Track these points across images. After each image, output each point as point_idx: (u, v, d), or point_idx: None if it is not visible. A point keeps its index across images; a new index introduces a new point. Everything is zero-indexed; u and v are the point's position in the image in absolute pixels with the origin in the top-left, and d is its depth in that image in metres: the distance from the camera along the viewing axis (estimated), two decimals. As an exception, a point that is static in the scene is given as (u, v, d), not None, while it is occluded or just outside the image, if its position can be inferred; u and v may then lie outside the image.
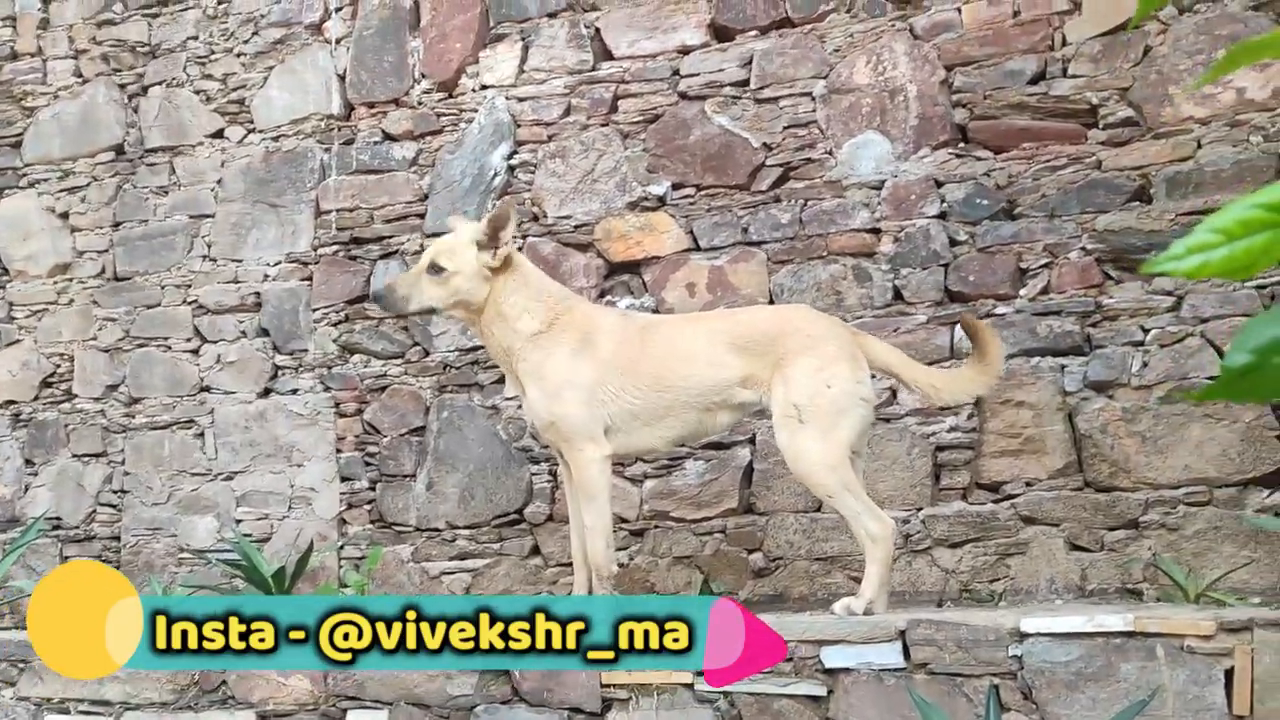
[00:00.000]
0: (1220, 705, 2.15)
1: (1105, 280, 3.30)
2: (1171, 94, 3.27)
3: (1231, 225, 0.67)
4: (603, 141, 3.88)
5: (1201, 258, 0.67)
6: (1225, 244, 0.67)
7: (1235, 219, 0.67)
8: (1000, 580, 3.26)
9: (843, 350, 2.78)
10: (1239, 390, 0.70)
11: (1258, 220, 0.67)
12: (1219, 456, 3.09)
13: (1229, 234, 0.67)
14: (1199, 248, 0.67)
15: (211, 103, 4.39)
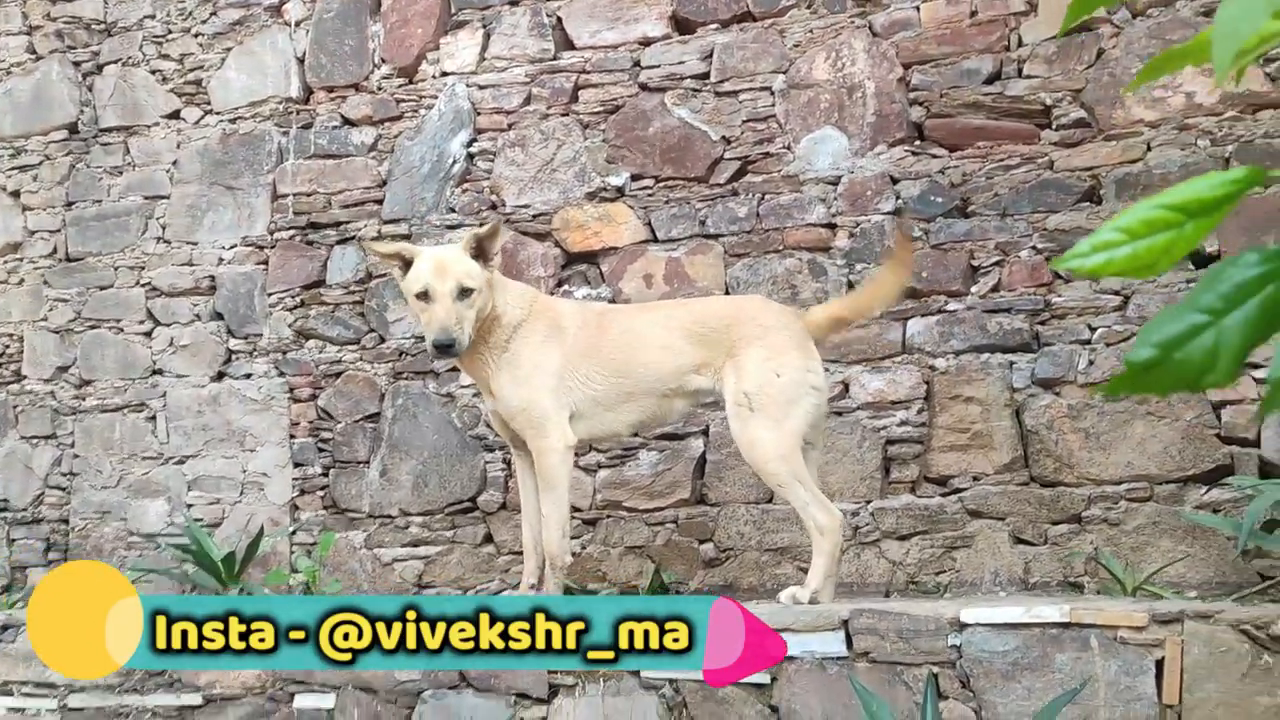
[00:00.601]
0: (1150, 695, 2.20)
1: (1055, 279, 3.36)
2: (1123, 97, 3.33)
3: (1135, 225, 0.69)
4: (562, 131, 3.88)
5: (1106, 255, 0.69)
6: (1129, 242, 0.69)
7: (1139, 219, 0.69)
8: (946, 573, 3.32)
9: (793, 339, 2.81)
10: (1142, 383, 0.72)
11: (1160, 220, 0.69)
12: (1160, 454, 3.16)
13: (1133, 233, 0.69)
14: (1104, 246, 0.69)
15: (168, 83, 4.33)
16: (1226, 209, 0.70)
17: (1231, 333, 0.70)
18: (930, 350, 3.42)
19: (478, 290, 2.76)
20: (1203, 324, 0.70)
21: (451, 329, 2.70)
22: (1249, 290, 0.70)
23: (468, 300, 2.74)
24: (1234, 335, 0.70)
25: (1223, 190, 0.69)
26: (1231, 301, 0.70)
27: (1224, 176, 0.70)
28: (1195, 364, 0.70)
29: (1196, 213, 0.69)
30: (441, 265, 2.76)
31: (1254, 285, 0.70)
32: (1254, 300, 0.70)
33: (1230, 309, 0.70)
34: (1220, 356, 0.70)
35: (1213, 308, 0.70)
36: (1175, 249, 0.69)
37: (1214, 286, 0.71)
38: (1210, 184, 0.70)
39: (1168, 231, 0.69)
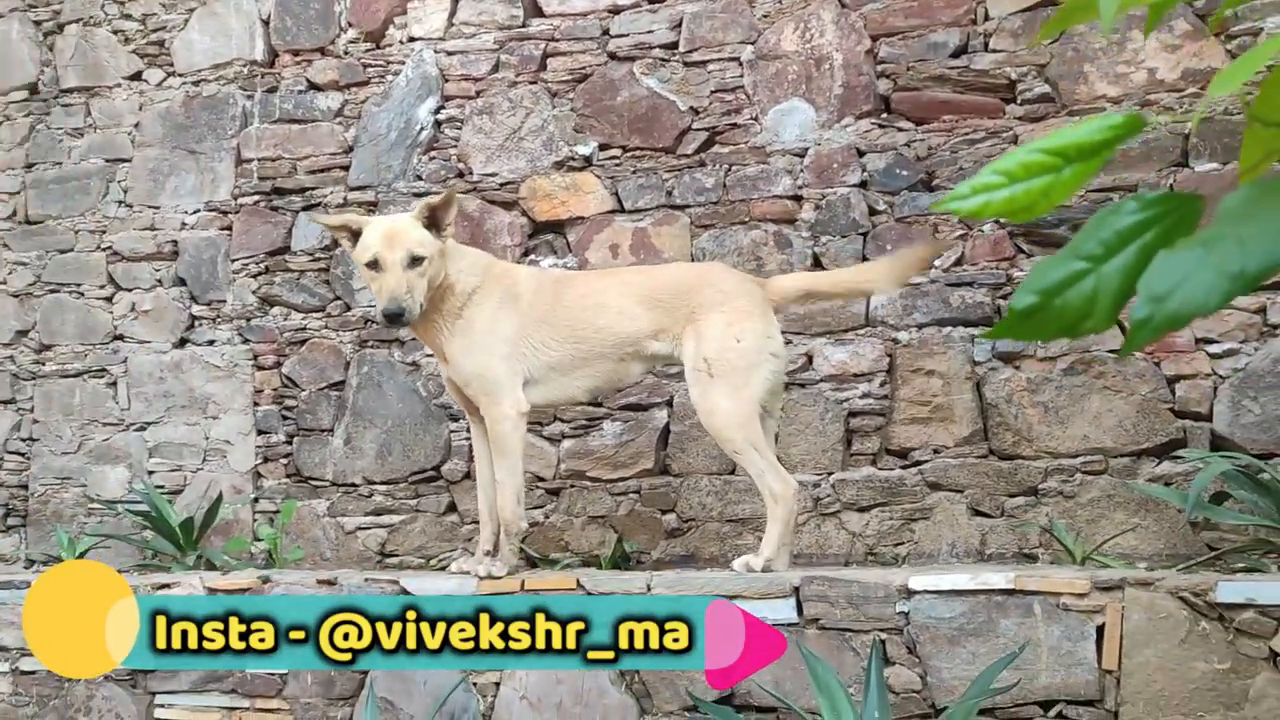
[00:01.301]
0: (1091, 659, 2.23)
1: (1017, 254, 3.37)
2: (1087, 72, 3.34)
3: (1014, 168, 0.69)
4: (530, 99, 3.86)
5: (984, 198, 0.69)
6: (1007, 185, 0.69)
7: (1018, 162, 0.69)
8: (904, 544, 3.34)
9: (754, 306, 2.81)
10: (1024, 329, 0.73)
11: (1038, 164, 0.69)
12: (1115, 427, 3.18)
13: (1011, 176, 0.69)
14: (982, 188, 0.69)
15: (130, 43, 4.27)
16: (1106, 155, 0.70)
17: (1110, 279, 0.70)
18: (893, 323, 3.43)
19: (429, 259, 2.73)
20: (1083, 270, 0.71)
21: (401, 298, 2.68)
22: (1128, 237, 0.70)
23: (419, 269, 2.72)
24: (1113, 281, 0.70)
25: (1101, 136, 0.69)
26: (1111, 249, 0.70)
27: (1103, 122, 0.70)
28: (1075, 310, 0.71)
29: (1075, 158, 0.69)
30: (391, 234, 2.74)
31: (1133, 232, 0.70)
32: (1132, 246, 0.70)
33: (1109, 256, 0.70)
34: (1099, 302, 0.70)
35: (1093, 254, 0.71)
36: (1054, 193, 0.69)
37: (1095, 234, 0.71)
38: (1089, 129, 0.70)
39: (1046, 175, 0.69)
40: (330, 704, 2.82)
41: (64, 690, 3.04)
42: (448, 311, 2.84)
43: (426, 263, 2.73)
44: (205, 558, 3.60)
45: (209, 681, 2.93)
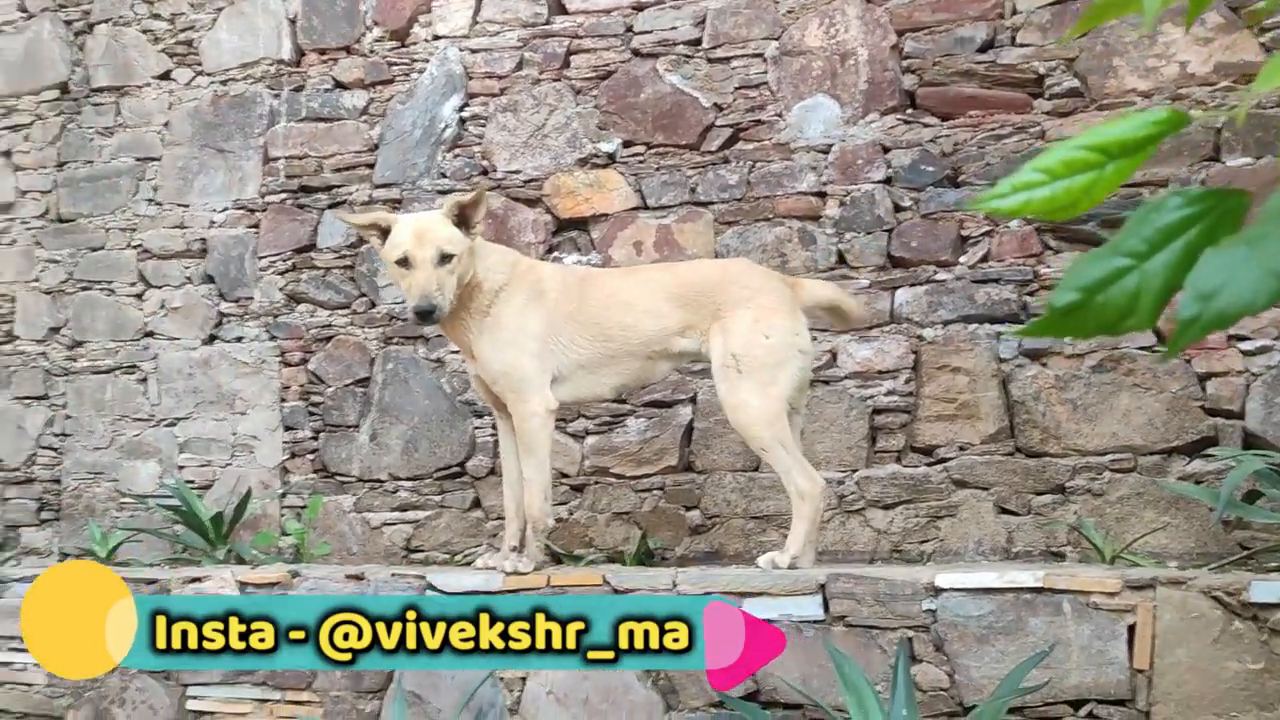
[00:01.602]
0: (1122, 659, 2.22)
1: (1044, 250, 3.35)
2: (1116, 66, 3.31)
3: (1055, 165, 0.69)
4: (554, 97, 3.86)
5: (1025, 196, 0.69)
6: (1048, 183, 0.69)
7: (1059, 159, 0.69)
8: (930, 541, 3.33)
9: (781, 302, 2.81)
10: (1064, 326, 0.72)
11: (1080, 161, 0.69)
12: (1145, 425, 3.16)
13: (1053, 173, 0.69)
14: (1023, 186, 0.69)
15: (159, 43, 4.31)
16: (1149, 151, 0.70)
17: (1154, 276, 0.70)
18: (918, 320, 3.42)
19: (458, 256, 2.74)
20: (1126, 267, 0.70)
21: (432, 295, 2.69)
22: (1172, 234, 0.70)
23: (448, 266, 2.73)
24: (1156, 279, 0.70)
25: (1144, 132, 0.69)
26: (1154, 245, 0.70)
27: (1146, 118, 0.70)
28: (1117, 307, 0.70)
29: (1118, 154, 0.69)
30: (421, 231, 2.75)
31: (1177, 229, 0.70)
32: (1177, 243, 0.70)
33: (1153, 252, 0.70)
34: (1142, 300, 0.70)
35: (1136, 251, 0.70)
36: (1095, 190, 0.69)
37: (1138, 230, 0.71)
38: (1132, 125, 0.69)
39: (1088, 173, 0.69)
40: (359, 697, 2.84)
41: (98, 682, 3.08)
42: (475, 309, 2.85)
43: (456, 260, 2.74)
44: (235, 552, 3.63)
45: (241, 674, 2.96)
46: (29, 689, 3.17)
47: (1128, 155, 0.69)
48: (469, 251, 2.78)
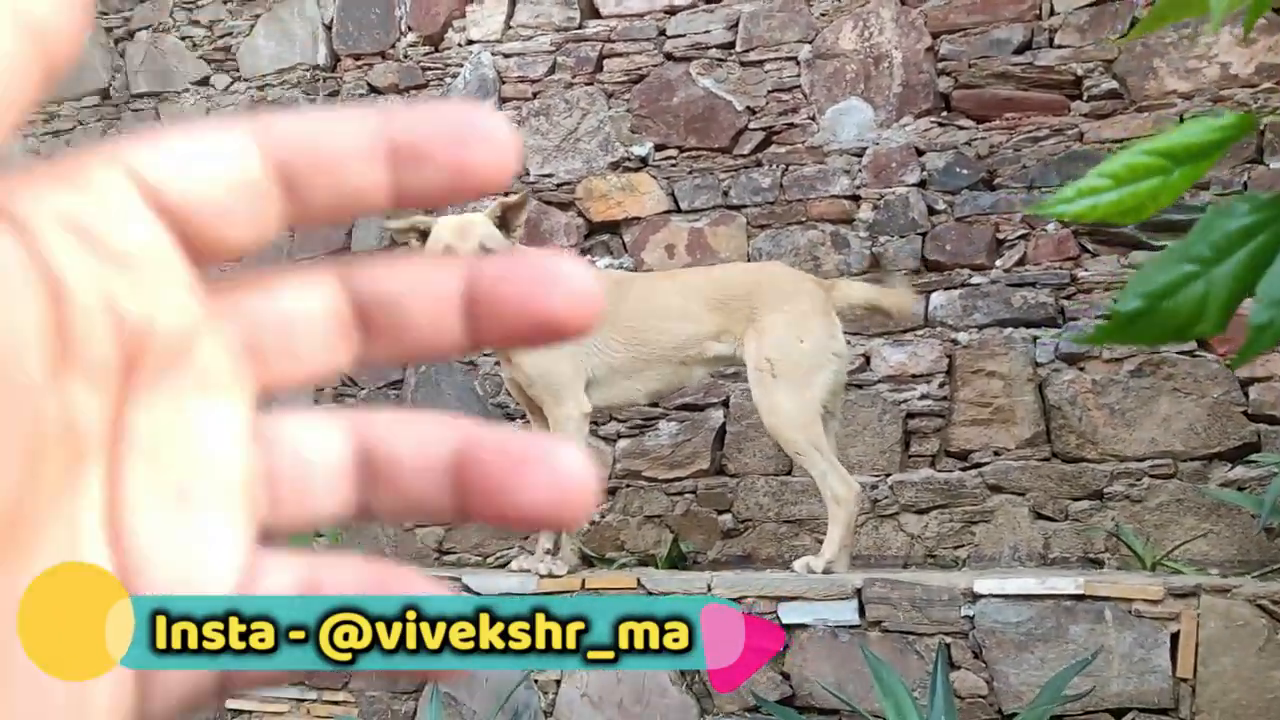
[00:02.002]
0: (1165, 668, 2.19)
1: (1082, 253, 3.32)
2: (1156, 67, 3.27)
3: (1120, 170, 0.68)
4: (587, 100, 3.87)
5: (1090, 201, 0.68)
6: (1114, 188, 0.68)
7: (1124, 164, 0.68)
8: (964, 547, 3.31)
9: (815, 306, 2.81)
10: (1129, 333, 0.72)
11: (1145, 166, 0.68)
12: (1185, 430, 3.12)
13: (1118, 178, 0.68)
14: (1088, 191, 0.68)
15: (198, 49, 4.36)
16: (1216, 156, 0.69)
17: (1222, 282, 0.69)
18: (953, 324, 3.39)
19: (500, 252, 2.75)
20: (1193, 273, 0.69)
21: None
22: (1239, 239, 0.69)
23: None
24: (1224, 285, 0.69)
25: (1211, 136, 0.68)
26: (1222, 251, 0.69)
27: (1213, 123, 0.69)
28: (1184, 313, 0.69)
29: (1184, 159, 0.68)
30: (463, 227, 2.77)
31: (1244, 234, 0.69)
32: (1244, 249, 0.69)
33: (1221, 258, 0.69)
34: (1210, 305, 0.69)
35: (1203, 257, 0.69)
36: (1162, 195, 0.68)
37: (1204, 236, 0.70)
38: (1199, 130, 0.68)
39: (1154, 178, 0.68)
40: (395, 698, 2.85)
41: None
42: None
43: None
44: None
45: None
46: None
47: (1194, 160, 0.68)
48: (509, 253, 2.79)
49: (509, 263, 0.25)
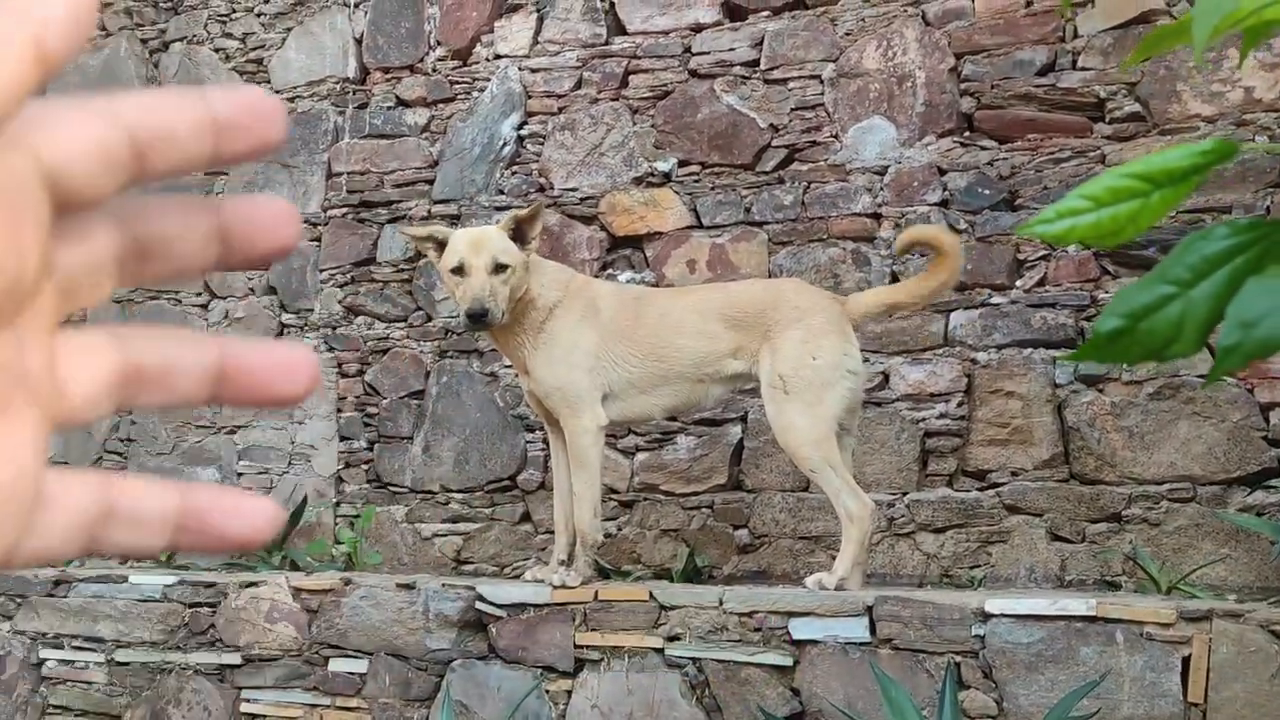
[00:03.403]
0: (1175, 692, 2.18)
1: (1102, 275, 3.31)
2: (1180, 91, 3.27)
3: (1101, 192, 0.70)
4: (612, 116, 3.91)
5: (1070, 222, 0.70)
6: (1094, 210, 0.70)
7: (1105, 186, 0.70)
8: (981, 567, 3.30)
9: (830, 323, 2.81)
10: (1108, 352, 0.73)
11: (1126, 189, 0.70)
12: (1205, 454, 3.10)
13: (1098, 200, 0.70)
14: (1068, 212, 0.70)
15: (230, 61, 4.45)
16: (1195, 181, 0.70)
17: (1199, 304, 0.70)
18: (972, 343, 3.39)
19: (513, 268, 2.78)
20: (1170, 295, 0.71)
21: (484, 299, 2.73)
22: (1217, 262, 0.70)
23: (502, 276, 2.77)
24: (1201, 307, 0.70)
25: (1191, 161, 0.69)
26: (1199, 273, 0.70)
27: (1194, 148, 0.70)
28: (1161, 334, 0.71)
29: (1163, 183, 0.69)
30: (477, 241, 2.80)
31: (1222, 257, 0.70)
32: (1222, 272, 0.70)
33: (1198, 280, 0.70)
34: (1186, 327, 0.70)
35: (1181, 279, 0.71)
36: (1141, 218, 0.70)
37: (1183, 258, 0.71)
38: (1179, 155, 0.70)
39: (1134, 200, 0.69)
40: (407, 705, 2.88)
41: (156, 682, 3.16)
42: (530, 325, 2.89)
43: (510, 271, 2.78)
44: (289, 558, 3.71)
45: (292, 679, 3.02)
46: (89, 687, 3.26)
47: (1174, 184, 0.70)
48: (523, 265, 2.82)
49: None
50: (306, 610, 3.03)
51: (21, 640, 3.34)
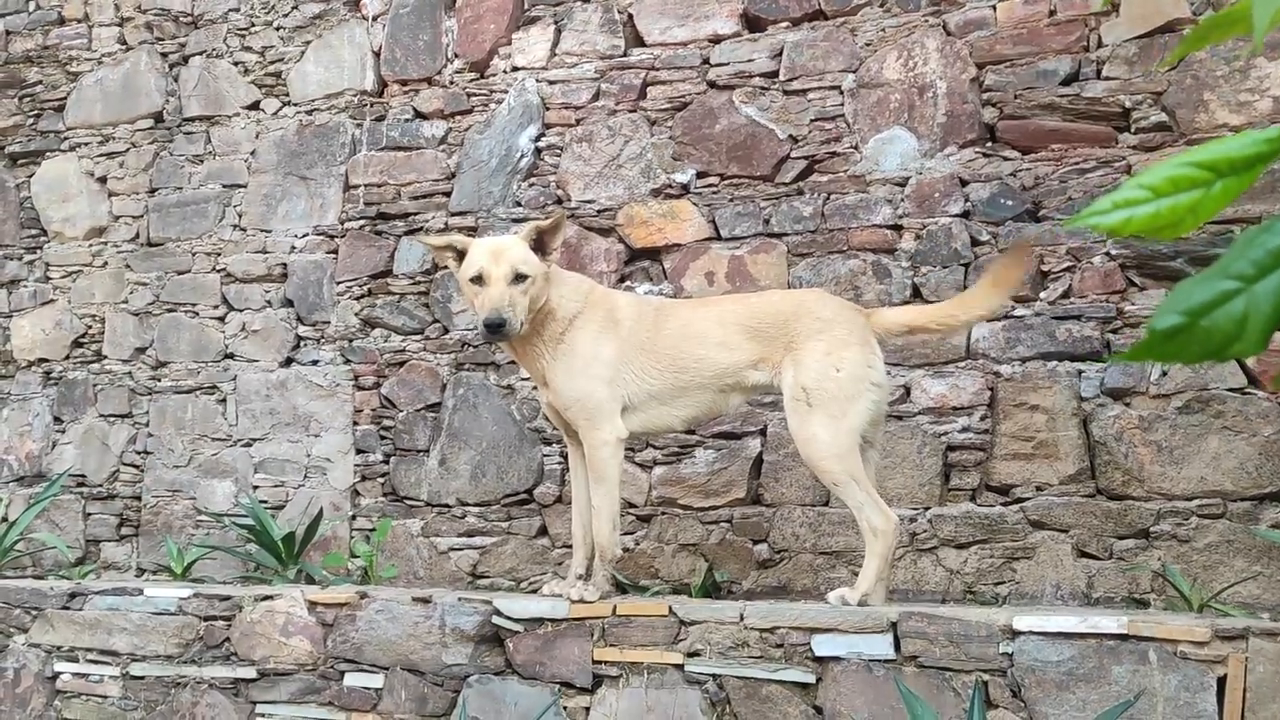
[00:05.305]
0: (1211, 713, 2.12)
1: (1128, 286, 3.26)
2: (1207, 100, 3.22)
3: (1160, 182, 0.66)
4: (630, 127, 3.89)
5: (1127, 213, 0.66)
6: (1152, 200, 0.66)
7: (1164, 176, 0.66)
8: (1005, 583, 3.24)
9: (854, 334, 2.77)
10: (1166, 351, 0.69)
11: (1186, 179, 0.66)
12: (1235, 469, 3.04)
13: (1157, 191, 0.66)
14: (1125, 203, 0.66)
15: (249, 74, 4.45)
16: (1259, 169, 0.67)
17: (1263, 300, 0.67)
18: (995, 356, 3.34)
19: (532, 279, 2.76)
20: (1233, 290, 0.67)
21: (503, 309, 2.70)
22: (1282, 256, 0.66)
23: (521, 286, 2.75)
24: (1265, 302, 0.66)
25: (1255, 149, 0.66)
26: (1263, 268, 0.67)
27: (1260, 134, 0.67)
28: (1223, 332, 0.67)
29: (1226, 172, 0.66)
30: (497, 250, 2.78)
31: (1288, 251, 0.66)
32: (1288, 266, 0.66)
33: (1262, 275, 0.67)
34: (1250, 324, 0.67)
35: (1244, 274, 0.67)
36: (1202, 209, 0.66)
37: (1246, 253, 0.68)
38: (1243, 142, 0.66)
39: (1194, 190, 0.66)
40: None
41: (170, 696, 3.13)
42: (549, 336, 2.86)
43: (529, 281, 2.75)
44: (305, 572, 3.68)
45: (307, 693, 2.98)
46: (104, 701, 3.23)
47: (1236, 173, 0.66)
48: (544, 276, 2.80)
49: None
50: (322, 624, 3.00)
51: (36, 653, 3.32)
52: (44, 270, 4.70)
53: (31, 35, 4.79)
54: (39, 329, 4.67)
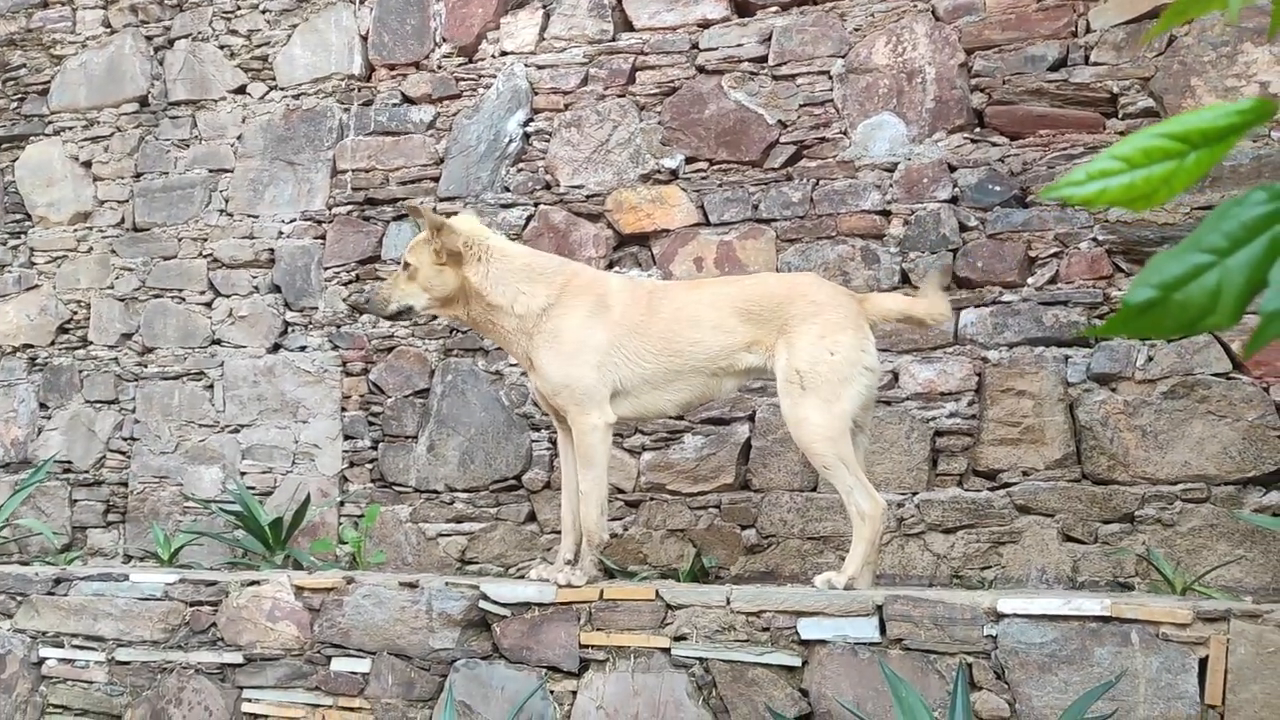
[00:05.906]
0: (1192, 694, 2.13)
1: (1115, 272, 3.27)
2: (1194, 85, 3.23)
3: (1134, 154, 0.66)
4: (618, 112, 3.88)
5: (1101, 184, 0.66)
6: (1126, 171, 0.66)
7: (1138, 148, 0.66)
8: (992, 568, 3.25)
9: (847, 318, 2.76)
10: (1140, 324, 0.69)
11: (1160, 150, 0.66)
12: (1219, 454, 3.06)
13: (1131, 162, 0.66)
14: (1099, 174, 0.66)
15: (235, 58, 4.43)
16: (1232, 140, 0.67)
17: (1236, 273, 0.67)
18: (983, 341, 3.35)
19: (416, 266, 3.00)
20: (1206, 264, 0.67)
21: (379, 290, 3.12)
22: (1255, 229, 0.66)
23: (407, 273, 3.02)
24: (1238, 275, 0.67)
25: (1228, 120, 0.66)
26: (1237, 241, 0.67)
27: (1231, 106, 0.67)
28: (1197, 305, 0.67)
29: (1199, 143, 0.66)
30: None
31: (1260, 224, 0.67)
32: (1260, 239, 0.66)
33: (1235, 248, 0.67)
34: (1223, 297, 0.67)
35: (1217, 247, 0.67)
36: (1175, 180, 0.66)
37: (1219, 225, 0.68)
38: (1216, 114, 0.66)
39: (1168, 162, 0.66)
40: (410, 705, 2.84)
41: (156, 681, 3.13)
42: (523, 329, 2.86)
43: (413, 269, 3.00)
44: (292, 557, 3.68)
45: (294, 679, 2.98)
46: (89, 686, 3.23)
47: (1209, 144, 0.66)
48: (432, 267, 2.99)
49: None
50: (309, 609, 2.99)
51: (22, 639, 3.32)
52: (29, 255, 4.67)
53: (15, 18, 4.75)
54: (24, 315, 4.64)
